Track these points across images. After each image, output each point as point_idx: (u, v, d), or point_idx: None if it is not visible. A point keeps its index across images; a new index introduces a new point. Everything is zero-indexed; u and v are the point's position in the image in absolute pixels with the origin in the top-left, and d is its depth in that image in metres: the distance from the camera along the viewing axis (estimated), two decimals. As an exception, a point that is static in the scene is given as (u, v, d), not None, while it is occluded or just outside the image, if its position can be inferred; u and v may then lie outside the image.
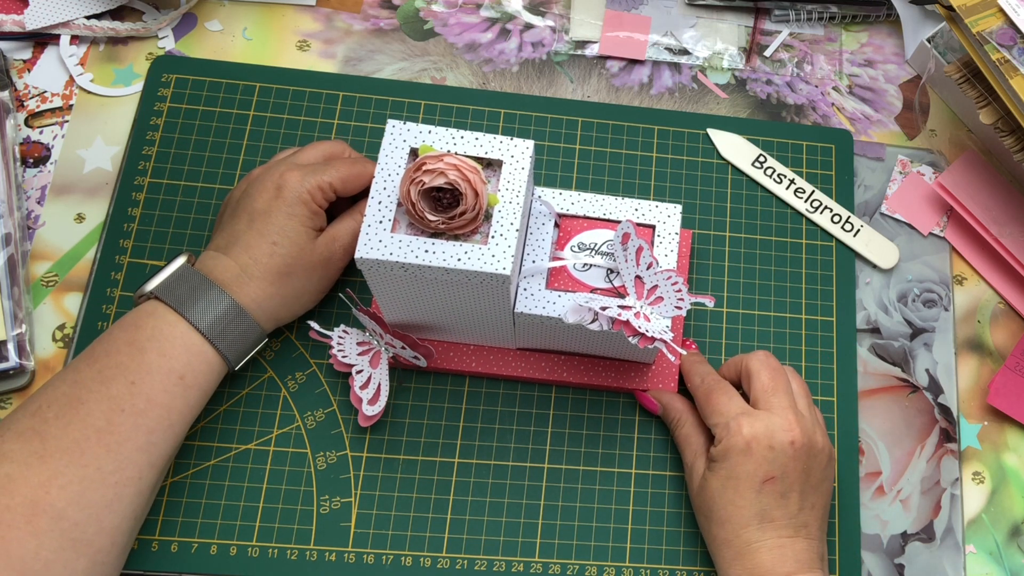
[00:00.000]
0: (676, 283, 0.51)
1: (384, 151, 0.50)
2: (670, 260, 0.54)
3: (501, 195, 0.49)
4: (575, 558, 0.57)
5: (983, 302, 0.66)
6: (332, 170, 0.56)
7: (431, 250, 0.48)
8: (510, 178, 0.50)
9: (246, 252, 0.54)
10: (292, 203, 0.54)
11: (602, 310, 0.50)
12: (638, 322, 0.50)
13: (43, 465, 0.47)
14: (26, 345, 0.57)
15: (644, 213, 0.55)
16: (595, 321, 0.50)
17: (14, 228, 0.59)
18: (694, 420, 0.56)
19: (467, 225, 0.48)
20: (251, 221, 0.54)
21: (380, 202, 0.49)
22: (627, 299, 0.52)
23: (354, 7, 0.70)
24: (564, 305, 0.52)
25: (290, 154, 0.59)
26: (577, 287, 0.54)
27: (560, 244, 0.55)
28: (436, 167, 0.47)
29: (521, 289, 0.53)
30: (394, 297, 0.52)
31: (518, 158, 0.50)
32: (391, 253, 0.48)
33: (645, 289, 0.52)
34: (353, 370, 0.56)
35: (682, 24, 0.72)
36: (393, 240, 0.48)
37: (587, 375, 0.59)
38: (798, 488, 0.51)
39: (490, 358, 0.59)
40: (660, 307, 0.52)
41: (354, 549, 0.56)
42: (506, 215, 0.49)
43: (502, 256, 0.48)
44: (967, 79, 0.64)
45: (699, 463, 0.54)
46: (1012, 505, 0.61)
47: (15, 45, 0.66)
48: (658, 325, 0.51)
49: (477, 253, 0.48)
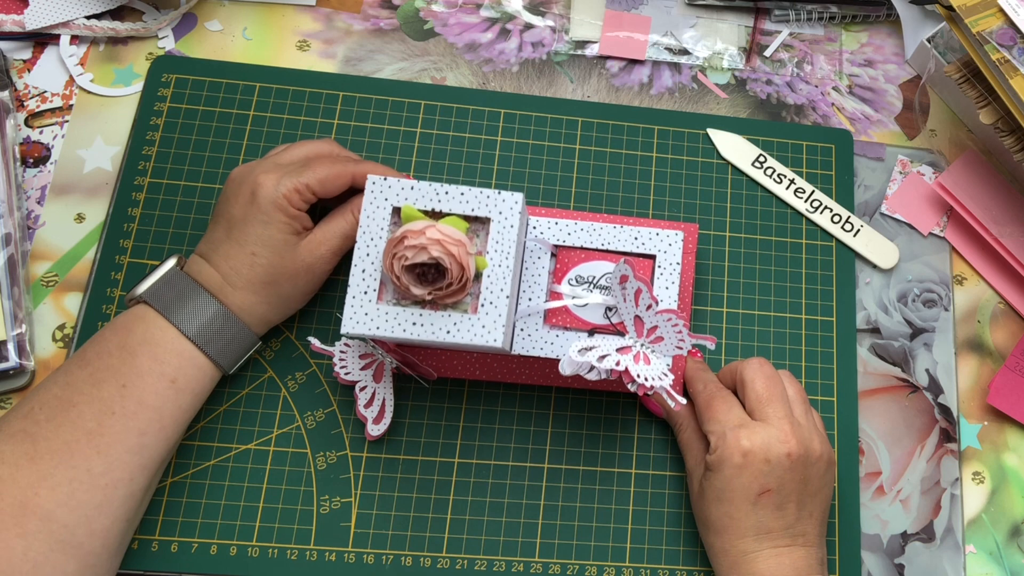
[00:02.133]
0: (676, 325, 0.50)
1: (366, 211, 0.48)
2: (671, 293, 0.53)
3: (489, 257, 0.47)
4: (575, 558, 0.57)
5: (983, 302, 0.66)
6: (310, 172, 0.54)
7: (419, 322, 0.47)
8: (498, 237, 0.48)
9: (226, 262, 0.53)
10: (267, 210, 0.52)
11: (599, 360, 0.48)
12: (636, 367, 0.49)
13: (33, 467, 0.47)
14: (26, 345, 0.57)
15: (644, 242, 0.54)
16: (592, 370, 0.49)
17: (14, 228, 0.59)
18: (695, 425, 0.56)
19: (454, 295, 0.47)
20: (229, 230, 0.53)
21: (363, 270, 0.47)
22: (626, 338, 0.51)
23: (354, 7, 0.70)
24: (562, 345, 0.51)
25: (276, 152, 0.58)
26: (576, 323, 0.53)
27: (558, 276, 0.54)
28: (418, 242, 0.45)
29: (518, 329, 0.52)
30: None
31: (506, 214, 0.48)
32: (378, 328, 0.47)
33: (645, 328, 0.51)
34: (357, 387, 0.56)
35: (682, 24, 0.72)
36: (379, 312, 0.47)
37: (592, 381, 0.59)
38: (795, 498, 0.51)
39: (494, 366, 0.58)
40: (660, 346, 0.51)
41: (354, 549, 0.56)
42: (495, 280, 0.47)
43: (492, 327, 0.46)
44: (967, 79, 0.64)
45: (699, 469, 0.54)
46: (1012, 505, 0.61)
47: (15, 45, 0.66)
48: (658, 366, 0.50)
49: (467, 324, 0.46)
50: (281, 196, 0.53)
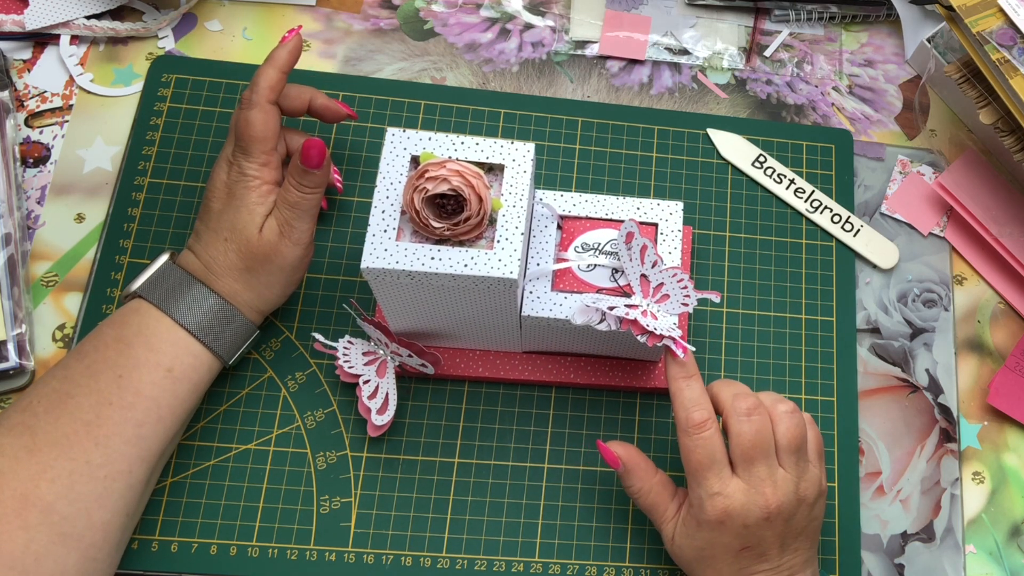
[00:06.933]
0: (681, 280, 0.51)
1: (385, 159, 0.50)
2: (674, 257, 0.54)
3: (504, 199, 0.49)
4: (575, 558, 0.57)
5: (983, 302, 0.66)
6: (229, 143, 0.55)
7: (437, 256, 0.48)
8: (512, 182, 0.50)
9: (206, 251, 0.54)
10: (234, 194, 0.54)
11: (609, 310, 0.50)
12: (645, 320, 0.50)
13: (33, 459, 0.47)
14: (26, 345, 0.57)
15: (646, 212, 0.55)
16: (603, 321, 0.50)
17: (14, 228, 0.59)
18: (659, 486, 0.53)
19: (472, 231, 0.48)
20: (207, 220, 0.55)
21: (383, 211, 0.49)
22: (633, 298, 0.52)
23: (354, 7, 0.70)
24: (571, 307, 0.52)
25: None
26: (583, 288, 0.54)
27: (564, 245, 0.55)
28: (439, 174, 0.47)
29: (527, 292, 0.53)
30: (400, 305, 0.52)
31: (519, 161, 0.50)
32: (397, 262, 0.48)
33: (651, 287, 0.52)
34: (360, 380, 0.56)
35: (682, 24, 0.72)
36: (399, 248, 0.48)
37: (593, 376, 0.59)
38: (777, 544, 0.50)
39: (496, 363, 0.59)
40: (666, 304, 0.52)
41: (354, 549, 0.56)
42: (510, 219, 0.49)
43: (508, 260, 0.48)
44: (967, 79, 0.64)
45: (668, 527, 0.52)
46: (1012, 505, 0.61)
47: (15, 45, 0.66)
48: (665, 323, 0.51)
49: (483, 258, 0.48)
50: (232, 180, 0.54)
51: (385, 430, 0.56)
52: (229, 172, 0.54)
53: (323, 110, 0.59)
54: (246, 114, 0.54)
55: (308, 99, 0.58)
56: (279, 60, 0.55)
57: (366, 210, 0.63)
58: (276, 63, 0.55)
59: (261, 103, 0.54)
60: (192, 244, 0.55)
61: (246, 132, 0.53)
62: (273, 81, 0.54)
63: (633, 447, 0.54)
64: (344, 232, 0.63)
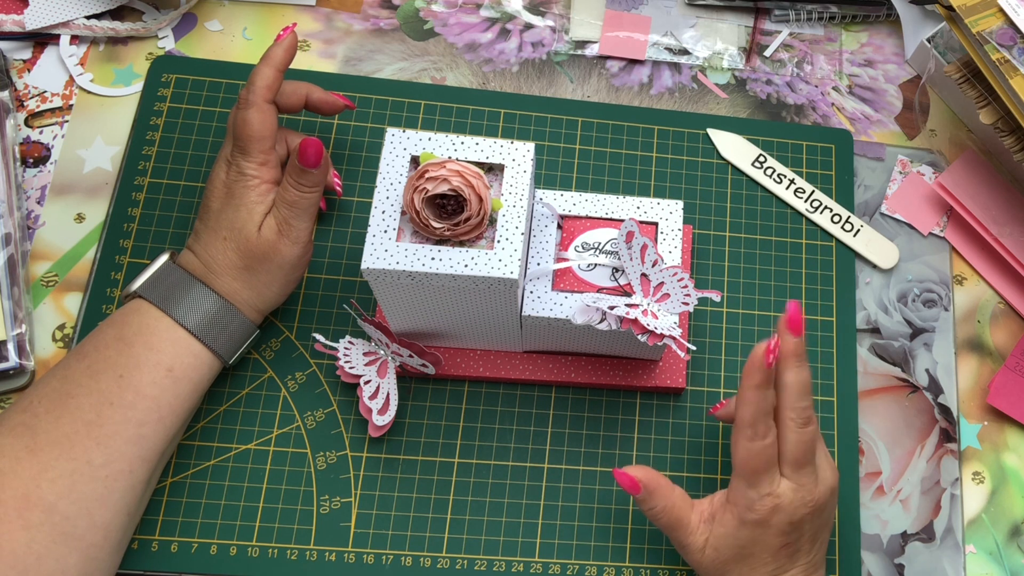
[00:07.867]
0: (682, 279, 0.52)
1: (384, 160, 0.50)
2: (674, 256, 0.54)
3: (504, 199, 0.49)
4: (575, 558, 0.57)
5: (983, 302, 0.66)
6: (228, 142, 0.55)
7: (437, 257, 0.48)
8: (512, 182, 0.50)
9: (205, 250, 0.54)
10: (233, 194, 0.54)
11: (610, 309, 0.50)
12: (646, 319, 0.51)
13: (34, 459, 0.47)
14: (26, 345, 0.57)
15: (646, 211, 0.56)
16: (603, 321, 0.51)
17: (14, 228, 0.59)
18: (680, 500, 0.52)
19: (472, 231, 0.48)
20: (207, 220, 0.55)
21: (383, 212, 0.49)
22: (634, 297, 0.52)
23: (354, 7, 0.70)
24: (571, 306, 0.52)
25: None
26: (583, 287, 0.54)
27: (564, 245, 0.55)
28: (439, 174, 0.47)
29: (527, 292, 0.53)
30: (400, 306, 0.52)
31: (519, 161, 0.50)
32: (397, 262, 0.48)
33: (651, 286, 0.52)
34: (361, 380, 0.56)
35: (682, 24, 0.72)
36: (399, 249, 0.48)
37: (594, 375, 0.59)
38: (809, 537, 0.51)
39: (496, 362, 0.59)
40: (667, 303, 0.52)
41: (354, 549, 0.56)
42: (510, 219, 0.49)
43: (509, 260, 0.48)
44: (967, 79, 0.64)
45: (698, 538, 0.51)
46: (1012, 505, 0.61)
47: (15, 45, 0.66)
48: (666, 322, 0.51)
49: (484, 258, 0.48)
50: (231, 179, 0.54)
51: (386, 430, 0.56)
52: (228, 171, 0.54)
53: (320, 103, 0.59)
54: (243, 114, 0.54)
55: (305, 94, 0.58)
56: (275, 58, 0.55)
57: (366, 210, 0.63)
58: (272, 61, 0.55)
59: (258, 102, 0.54)
60: (192, 244, 0.55)
61: (244, 132, 0.54)
62: (269, 80, 0.54)
63: (648, 468, 0.53)
64: (344, 232, 0.63)
